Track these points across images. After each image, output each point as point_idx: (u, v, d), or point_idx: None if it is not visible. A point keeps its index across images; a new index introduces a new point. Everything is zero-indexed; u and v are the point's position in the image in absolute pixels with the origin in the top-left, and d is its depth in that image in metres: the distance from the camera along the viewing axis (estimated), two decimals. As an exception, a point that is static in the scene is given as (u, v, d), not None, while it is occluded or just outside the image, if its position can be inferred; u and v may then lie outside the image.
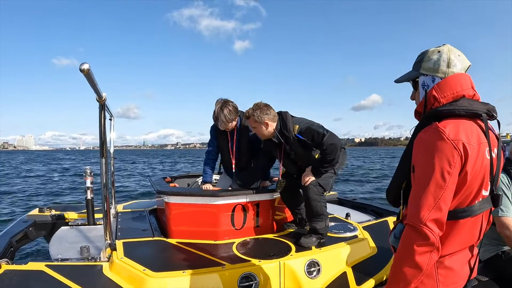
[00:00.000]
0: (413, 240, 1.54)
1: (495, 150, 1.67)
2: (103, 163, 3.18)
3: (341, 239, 3.60)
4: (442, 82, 1.68)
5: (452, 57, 1.70)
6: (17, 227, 4.34)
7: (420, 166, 1.58)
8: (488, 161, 1.61)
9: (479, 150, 1.56)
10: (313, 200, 3.51)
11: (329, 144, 3.36)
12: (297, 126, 3.52)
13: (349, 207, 5.52)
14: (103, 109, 3.08)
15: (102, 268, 2.95)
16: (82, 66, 2.40)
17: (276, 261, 3.07)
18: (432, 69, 1.72)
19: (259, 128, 3.60)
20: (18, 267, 2.83)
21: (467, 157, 1.52)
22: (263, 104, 3.57)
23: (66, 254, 3.41)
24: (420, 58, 1.80)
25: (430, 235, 1.50)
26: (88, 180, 4.44)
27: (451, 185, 1.52)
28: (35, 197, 16.01)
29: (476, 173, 1.56)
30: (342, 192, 11.96)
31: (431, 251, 1.52)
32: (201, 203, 3.61)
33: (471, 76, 1.69)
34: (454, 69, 1.69)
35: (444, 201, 1.52)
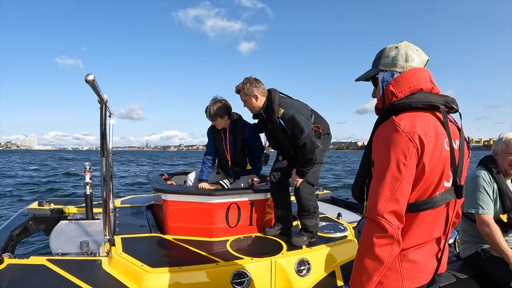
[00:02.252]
0: (372, 232, 1.52)
1: (457, 142, 1.67)
2: (103, 161, 3.29)
3: (332, 239, 3.72)
4: (399, 77, 1.70)
5: (410, 52, 1.72)
6: (17, 220, 4.41)
7: (378, 160, 1.59)
8: (448, 152, 1.60)
9: (437, 142, 1.57)
10: (304, 199, 3.62)
11: (304, 143, 3.42)
12: (282, 110, 3.51)
13: (342, 206, 5.61)
14: (105, 110, 3.19)
15: (101, 263, 3.06)
16: (87, 77, 2.53)
17: (267, 259, 3.19)
18: (391, 64, 1.74)
19: (249, 101, 3.66)
20: (20, 261, 2.94)
21: (423, 148, 1.52)
22: (253, 78, 3.64)
23: (66, 248, 3.52)
24: (378, 55, 1.82)
25: (388, 227, 1.49)
26: (87, 175, 4.54)
27: (407, 176, 1.51)
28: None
29: (434, 164, 1.56)
30: (339, 192, 12.05)
31: (391, 244, 1.51)
32: (197, 201, 3.72)
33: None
34: (412, 63, 1.71)
35: (401, 193, 1.51)
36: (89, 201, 4.51)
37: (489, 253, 3.22)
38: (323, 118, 3.85)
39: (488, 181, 3.17)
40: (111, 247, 3.27)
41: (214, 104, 4.07)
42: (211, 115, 4.07)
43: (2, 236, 3.75)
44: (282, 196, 3.91)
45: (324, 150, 3.69)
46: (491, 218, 3.10)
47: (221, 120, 4.13)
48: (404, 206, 1.53)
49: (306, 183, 3.61)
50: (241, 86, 3.64)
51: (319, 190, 6.26)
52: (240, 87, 3.65)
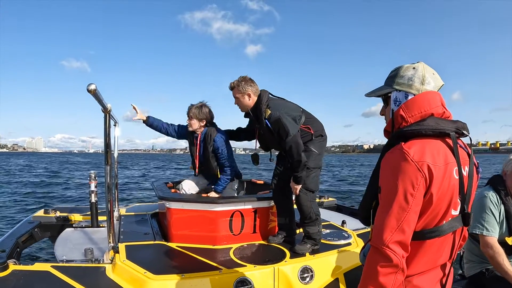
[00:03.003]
0: (377, 261, 1.53)
1: (466, 168, 1.63)
2: (107, 170, 3.31)
3: (335, 246, 3.72)
4: (410, 101, 1.66)
5: (427, 75, 1.67)
6: (23, 227, 4.44)
7: (385, 187, 1.57)
8: (457, 181, 1.57)
9: (446, 171, 1.53)
10: (305, 206, 3.62)
11: (290, 146, 3.43)
12: (269, 112, 3.51)
13: (347, 214, 5.61)
14: (109, 118, 3.22)
15: (105, 270, 3.08)
16: (89, 87, 2.56)
17: (270, 266, 3.19)
18: (406, 84, 1.69)
19: (242, 98, 3.69)
20: (25, 267, 2.96)
21: (432, 178, 1.49)
22: (248, 77, 3.68)
23: (70, 255, 3.54)
24: (393, 73, 1.76)
25: (393, 257, 1.48)
26: (93, 184, 4.57)
27: (414, 207, 1.50)
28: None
29: (443, 194, 1.53)
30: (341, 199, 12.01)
31: (395, 272, 1.51)
32: (201, 209, 3.73)
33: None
34: (427, 86, 1.66)
35: (407, 224, 1.50)
36: (94, 209, 4.54)
37: (493, 273, 3.17)
38: (317, 119, 3.82)
39: (495, 203, 3.10)
40: (115, 254, 3.28)
41: (198, 106, 4.18)
42: (190, 115, 4.18)
43: (8, 242, 3.78)
44: (285, 204, 3.91)
45: (319, 154, 3.66)
46: (495, 240, 3.04)
47: (196, 122, 4.22)
48: (410, 236, 1.52)
49: (306, 190, 3.61)
50: (236, 83, 3.68)
51: (324, 198, 6.26)
52: (235, 84, 3.69)
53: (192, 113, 4.15)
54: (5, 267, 2.88)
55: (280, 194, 3.86)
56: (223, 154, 4.21)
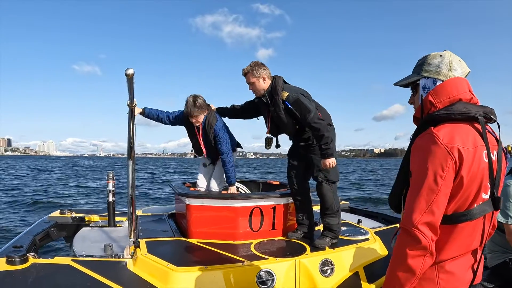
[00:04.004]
0: (406, 243, 1.56)
1: (495, 153, 1.64)
2: (130, 164, 3.34)
3: (354, 241, 3.74)
4: (438, 87, 1.69)
5: (454, 61, 1.71)
6: (39, 226, 4.45)
7: (415, 171, 1.60)
8: (486, 164, 1.58)
9: (475, 154, 1.55)
10: (327, 197, 3.67)
11: (314, 121, 3.53)
12: (286, 94, 3.64)
13: (361, 215, 5.61)
14: (133, 114, 3.25)
15: (126, 263, 3.11)
16: (127, 70, 2.60)
17: (292, 259, 3.21)
18: (434, 71, 1.72)
19: (257, 82, 3.75)
20: (44, 260, 2.98)
21: (462, 161, 1.51)
22: (260, 62, 3.77)
23: (90, 251, 3.55)
24: (421, 61, 1.80)
25: (422, 239, 1.51)
26: (110, 183, 4.59)
27: (444, 189, 1.52)
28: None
29: (473, 177, 1.55)
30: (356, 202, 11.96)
31: (424, 255, 1.53)
32: (221, 206, 3.76)
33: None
34: (455, 73, 1.70)
35: (437, 205, 1.52)
36: (111, 209, 4.55)
37: None
38: (324, 109, 3.89)
39: None
40: (136, 249, 3.30)
41: (193, 102, 4.09)
42: (197, 107, 4.08)
43: (26, 239, 3.79)
44: (304, 200, 3.94)
45: (332, 141, 3.66)
46: None
47: (201, 117, 4.20)
48: (439, 218, 1.54)
49: (327, 181, 3.66)
50: (250, 68, 3.76)
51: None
52: (249, 69, 3.77)
53: (196, 113, 4.10)
54: (25, 260, 2.89)
55: (299, 191, 3.90)
56: (221, 140, 4.26)
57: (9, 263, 2.84)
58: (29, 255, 3.00)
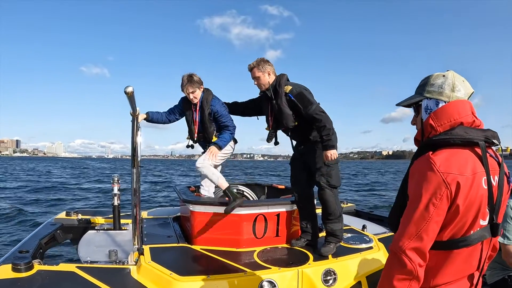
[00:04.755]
0: (393, 265, 1.58)
1: (496, 178, 1.61)
2: (134, 172, 3.36)
3: (357, 250, 3.73)
4: (439, 110, 1.67)
5: (457, 82, 1.69)
6: (45, 229, 4.49)
7: (411, 195, 1.60)
8: (485, 191, 1.55)
9: (474, 181, 1.52)
10: (330, 202, 3.68)
11: (316, 113, 3.64)
12: (290, 87, 3.80)
13: (366, 219, 5.59)
14: (137, 122, 3.27)
15: (130, 271, 3.12)
16: (127, 89, 2.62)
17: (294, 269, 3.21)
18: (437, 92, 1.70)
19: (262, 77, 3.90)
20: (49, 267, 3.00)
21: (458, 190, 1.49)
22: (265, 58, 3.92)
23: (94, 256, 3.57)
24: (424, 82, 1.78)
25: (408, 263, 1.52)
26: (116, 187, 4.62)
27: (435, 217, 1.51)
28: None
29: (470, 204, 1.52)
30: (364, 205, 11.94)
31: (410, 279, 1.54)
32: None
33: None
34: (458, 94, 1.67)
35: (427, 232, 1.52)
36: (116, 212, 4.58)
37: None
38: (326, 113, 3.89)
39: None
40: (140, 256, 3.32)
41: (189, 79, 4.05)
42: (193, 81, 4.04)
43: (32, 243, 3.82)
44: (308, 208, 3.95)
45: (334, 133, 3.70)
46: None
47: (198, 92, 4.14)
48: (429, 244, 1.54)
49: (329, 186, 3.67)
50: (256, 64, 3.91)
51: (343, 203, 6.26)
52: (254, 64, 3.91)
53: (191, 88, 4.05)
54: (30, 267, 2.91)
55: (303, 198, 3.91)
56: (223, 114, 4.20)
57: (15, 270, 2.86)
58: (35, 262, 3.02)
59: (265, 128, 4.16)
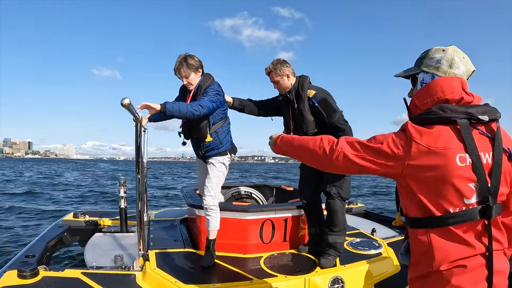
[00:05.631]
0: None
1: (487, 155, 1.52)
2: (138, 178, 3.33)
3: (366, 256, 3.66)
4: (423, 89, 1.66)
5: (456, 58, 1.65)
6: (52, 232, 4.50)
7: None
8: (463, 168, 1.48)
9: (443, 155, 1.48)
10: (338, 213, 3.59)
11: (340, 122, 3.54)
12: (314, 92, 3.62)
13: (376, 220, 5.54)
14: (140, 128, 3.23)
15: (135, 277, 3.09)
16: (123, 101, 2.58)
17: (301, 277, 3.16)
18: (434, 67, 1.67)
19: (282, 80, 3.69)
20: (55, 273, 2.98)
21: (419, 156, 1.50)
22: (282, 59, 3.72)
23: (100, 261, 3.57)
24: (423, 55, 1.75)
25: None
26: (122, 189, 4.61)
27: (383, 149, 1.58)
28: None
29: (438, 178, 1.49)
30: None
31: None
32: (232, 217, 3.73)
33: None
34: (456, 70, 1.64)
35: (366, 151, 1.63)
36: (123, 215, 4.57)
37: None
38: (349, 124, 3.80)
39: None
40: (145, 262, 3.30)
41: (190, 55, 3.52)
42: (187, 64, 3.45)
43: (38, 247, 3.81)
44: (316, 214, 3.88)
45: None
46: None
47: (194, 76, 3.52)
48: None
49: (340, 197, 3.58)
50: (272, 67, 3.69)
51: (353, 203, 6.20)
52: (272, 68, 3.70)
53: (184, 72, 3.46)
54: (36, 274, 2.89)
55: (310, 204, 3.83)
56: (208, 94, 3.44)
57: (20, 277, 2.84)
58: (40, 268, 3.00)
59: (282, 131, 3.97)
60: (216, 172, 3.60)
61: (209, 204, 3.49)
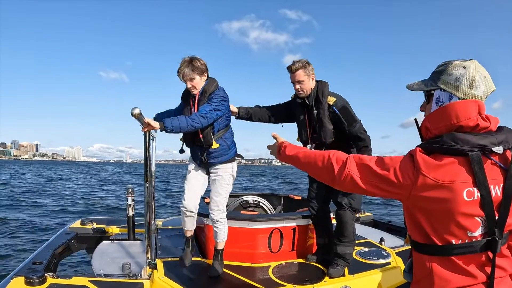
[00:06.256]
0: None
1: (496, 188, 1.44)
2: (146, 187, 3.32)
3: (374, 265, 3.64)
4: (436, 112, 1.55)
5: (477, 77, 1.50)
6: (59, 239, 4.48)
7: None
8: (471, 202, 1.42)
9: (450, 189, 1.41)
10: (348, 224, 3.55)
11: (361, 132, 3.47)
12: (334, 99, 3.48)
13: (384, 229, 5.50)
14: (149, 135, 3.22)
15: (142, 286, 3.08)
16: (133, 111, 2.56)
17: (310, 286, 3.15)
18: (453, 85, 1.53)
19: (307, 81, 3.53)
20: (62, 281, 2.97)
21: (425, 188, 1.44)
22: (309, 61, 3.55)
23: (108, 269, 3.56)
24: (441, 69, 1.60)
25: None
26: (130, 198, 4.61)
27: (388, 177, 1.52)
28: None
29: (443, 211, 1.45)
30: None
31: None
32: (240, 227, 3.71)
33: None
34: (476, 91, 1.50)
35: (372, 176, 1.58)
36: (131, 223, 4.57)
37: None
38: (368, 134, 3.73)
39: None
40: (153, 270, 3.28)
41: (196, 58, 3.35)
42: (193, 67, 3.29)
43: (45, 254, 3.80)
44: (324, 224, 3.85)
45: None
46: None
47: (198, 80, 3.37)
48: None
49: (351, 208, 3.54)
50: (302, 65, 3.50)
51: (361, 212, 6.16)
52: (301, 66, 3.50)
53: (189, 74, 3.30)
54: (43, 281, 2.89)
55: (319, 215, 3.79)
56: (213, 102, 3.32)
57: (28, 284, 2.84)
58: (48, 275, 3.00)
59: (297, 139, 3.87)
60: (225, 186, 3.57)
61: (218, 217, 3.47)
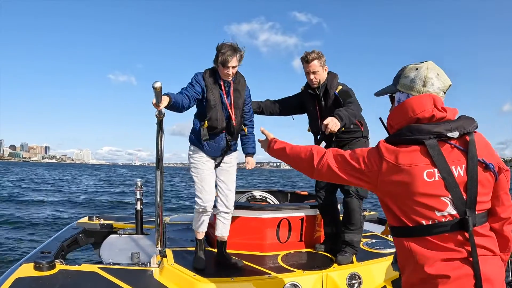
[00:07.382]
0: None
1: (458, 168, 1.54)
2: (158, 174, 3.35)
3: (382, 254, 3.67)
4: (396, 109, 1.73)
5: (430, 75, 1.67)
6: (67, 232, 4.55)
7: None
8: (432, 182, 1.53)
9: (410, 172, 1.55)
10: (355, 212, 3.59)
11: (354, 102, 3.43)
12: (340, 87, 3.59)
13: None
14: (161, 125, 3.25)
15: (152, 273, 3.11)
16: (155, 84, 2.59)
17: (319, 272, 3.17)
18: (408, 86, 1.71)
19: (321, 72, 3.59)
20: (72, 267, 3.00)
21: (389, 171, 1.60)
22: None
23: (117, 259, 3.59)
24: (399, 73, 1.78)
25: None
26: (138, 192, 4.64)
27: (356, 164, 1.70)
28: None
29: (408, 193, 1.56)
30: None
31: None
32: (248, 217, 3.75)
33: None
34: (430, 88, 1.66)
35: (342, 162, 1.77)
36: (139, 217, 4.59)
37: None
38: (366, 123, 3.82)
39: None
40: (163, 258, 3.31)
41: (234, 46, 3.19)
42: (239, 53, 3.20)
43: (54, 245, 3.87)
44: (331, 214, 3.87)
45: (355, 117, 3.46)
46: None
47: (234, 70, 3.25)
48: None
49: (358, 196, 3.58)
50: (317, 56, 3.55)
51: (366, 211, 6.19)
52: (316, 57, 3.54)
53: (234, 61, 3.15)
54: (52, 266, 2.91)
55: (326, 204, 3.83)
56: (250, 105, 3.55)
57: (37, 269, 2.86)
58: (57, 262, 3.02)
59: (307, 130, 3.89)
60: (234, 176, 3.61)
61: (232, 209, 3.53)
